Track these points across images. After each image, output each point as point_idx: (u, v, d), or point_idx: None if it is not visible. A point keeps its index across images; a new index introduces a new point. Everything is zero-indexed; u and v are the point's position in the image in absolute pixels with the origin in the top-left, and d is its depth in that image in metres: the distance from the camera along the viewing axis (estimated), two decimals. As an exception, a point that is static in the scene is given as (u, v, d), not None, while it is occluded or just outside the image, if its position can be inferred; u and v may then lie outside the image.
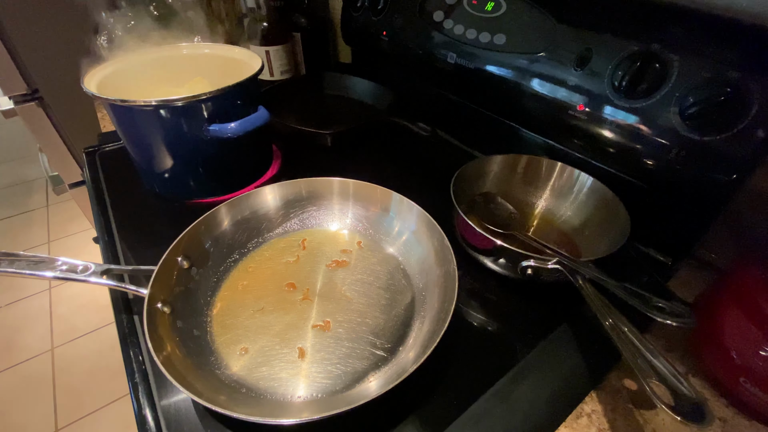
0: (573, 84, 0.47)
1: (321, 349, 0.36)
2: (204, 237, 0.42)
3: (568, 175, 0.49)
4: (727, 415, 0.34)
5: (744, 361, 0.32)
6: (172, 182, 0.53)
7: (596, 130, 0.47)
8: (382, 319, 0.39)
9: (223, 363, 0.35)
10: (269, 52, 0.81)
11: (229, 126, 0.46)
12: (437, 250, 0.40)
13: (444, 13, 0.61)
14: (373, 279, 0.43)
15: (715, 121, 0.37)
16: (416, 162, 0.64)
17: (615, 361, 0.37)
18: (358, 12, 0.75)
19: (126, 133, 0.50)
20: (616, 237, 0.40)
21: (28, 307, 1.44)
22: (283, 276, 0.43)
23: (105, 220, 0.51)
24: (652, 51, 0.41)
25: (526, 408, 0.33)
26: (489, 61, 0.56)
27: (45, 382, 1.23)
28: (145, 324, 0.31)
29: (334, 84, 0.81)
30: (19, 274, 0.36)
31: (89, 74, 0.49)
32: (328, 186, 0.48)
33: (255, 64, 0.53)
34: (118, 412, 1.16)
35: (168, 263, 0.37)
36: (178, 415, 0.32)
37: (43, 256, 0.38)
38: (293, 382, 0.34)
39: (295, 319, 0.39)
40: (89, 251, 1.64)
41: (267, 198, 0.47)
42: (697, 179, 0.40)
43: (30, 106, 0.94)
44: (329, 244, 0.47)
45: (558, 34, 0.49)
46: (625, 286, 0.34)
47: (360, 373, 0.34)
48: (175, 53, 0.58)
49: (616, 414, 0.33)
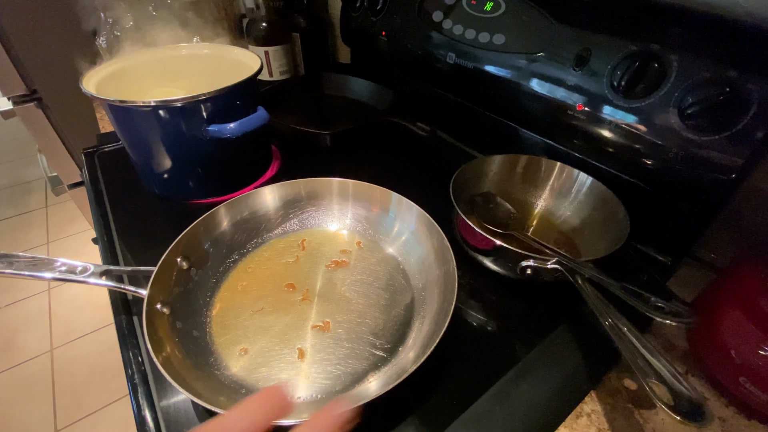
0: (572, 84, 0.47)
1: (321, 349, 0.36)
2: (203, 237, 0.42)
3: (567, 175, 0.49)
4: (726, 414, 0.34)
5: (743, 361, 0.32)
6: (171, 183, 0.53)
7: (595, 130, 0.47)
8: (382, 319, 0.39)
9: (223, 364, 0.35)
10: (268, 52, 0.81)
11: (229, 126, 0.46)
12: (437, 250, 0.40)
13: (443, 13, 0.61)
14: (372, 279, 0.43)
15: (714, 120, 0.38)
16: (416, 162, 0.64)
17: (614, 360, 0.37)
18: (357, 12, 0.75)
19: (125, 134, 0.50)
20: (616, 237, 0.40)
21: (27, 308, 1.44)
22: (283, 276, 0.43)
23: (104, 221, 0.50)
24: (650, 51, 0.41)
25: (526, 408, 0.33)
26: (488, 61, 0.56)
27: (44, 383, 1.22)
28: (144, 325, 0.31)
29: (333, 84, 0.81)
30: (18, 275, 0.36)
31: (88, 75, 0.49)
32: (327, 186, 0.48)
33: (254, 64, 0.53)
34: (117, 413, 1.16)
35: (167, 264, 0.37)
36: (177, 416, 0.32)
37: (42, 257, 0.38)
38: (293, 382, 0.34)
39: (295, 320, 0.38)
40: (88, 252, 1.63)
41: (266, 198, 0.47)
42: (696, 179, 0.40)
43: (29, 106, 0.93)
44: (329, 244, 0.47)
45: (557, 34, 0.49)
46: (624, 286, 0.34)
47: (360, 374, 0.34)
48: (175, 53, 0.58)
49: (615, 414, 0.33)
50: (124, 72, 0.53)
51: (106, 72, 0.51)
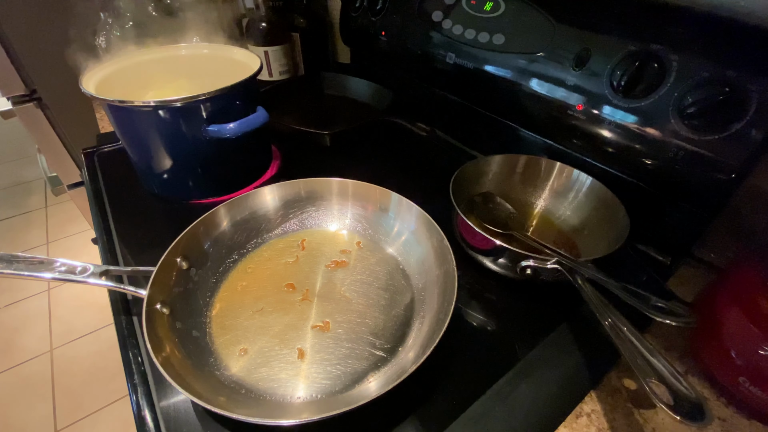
0: (572, 84, 0.47)
1: (320, 349, 0.36)
2: (203, 238, 0.42)
3: (567, 175, 0.49)
4: (726, 414, 0.34)
5: (743, 361, 0.32)
6: (170, 183, 0.53)
7: (595, 130, 0.47)
8: (382, 319, 0.39)
9: (223, 364, 0.35)
10: (268, 52, 0.81)
11: (228, 126, 0.46)
12: (436, 250, 0.40)
13: (443, 13, 0.61)
14: (372, 279, 0.43)
15: (714, 120, 0.38)
16: (415, 162, 0.64)
17: (614, 360, 0.37)
18: (356, 12, 0.75)
19: (124, 134, 0.50)
20: (616, 237, 0.40)
21: (27, 308, 1.44)
22: (283, 277, 0.43)
23: (104, 221, 0.50)
24: (650, 51, 0.41)
25: (526, 408, 0.33)
26: (488, 61, 0.56)
27: (44, 383, 1.22)
28: (144, 325, 0.31)
29: (333, 84, 0.81)
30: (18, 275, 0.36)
31: (87, 75, 0.49)
32: (327, 186, 0.48)
33: (254, 64, 0.53)
34: (117, 414, 1.16)
35: (167, 264, 0.37)
36: (177, 416, 0.32)
37: (41, 257, 0.38)
38: (293, 382, 0.34)
39: (295, 320, 0.38)
40: (88, 252, 1.63)
41: (266, 198, 0.47)
42: (696, 179, 0.40)
43: (28, 106, 0.93)
44: (328, 244, 0.47)
45: (557, 34, 0.49)
46: (624, 286, 0.34)
47: (360, 374, 0.34)
48: (174, 54, 0.58)
49: (615, 414, 0.33)
50: (124, 72, 0.53)
51: (106, 72, 0.51)
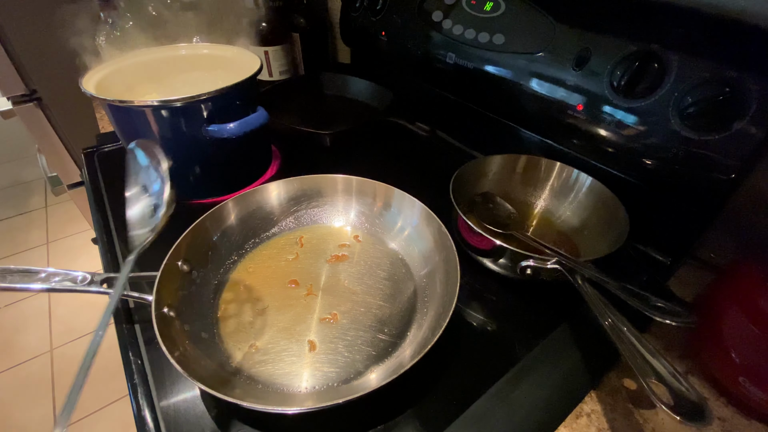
0: (572, 84, 0.47)
1: (330, 340, 0.37)
2: (204, 238, 0.42)
3: (567, 175, 0.49)
4: (726, 414, 0.34)
5: (743, 361, 0.32)
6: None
7: (595, 130, 0.47)
8: (388, 307, 0.40)
9: (235, 361, 0.35)
10: (268, 52, 0.81)
11: (228, 126, 0.46)
12: (436, 240, 0.41)
13: (443, 13, 0.61)
14: (376, 272, 0.43)
15: (714, 120, 0.38)
16: (415, 162, 0.64)
17: (614, 360, 0.37)
18: (356, 12, 0.75)
19: (124, 134, 0.50)
20: (616, 237, 0.40)
21: (27, 309, 1.44)
22: (286, 273, 0.43)
23: (104, 221, 0.50)
24: (650, 51, 0.41)
25: (526, 408, 0.33)
26: (488, 61, 0.56)
27: (44, 383, 1.22)
28: (156, 329, 0.30)
29: (333, 84, 0.81)
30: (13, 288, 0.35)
31: (88, 75, 0.49)
32: (331, 183, 0.48)
33: (254, 64, 0.53)
34: (117, 414, 1.16)
35: (169, 268, 0.37)
36: (177, 416, 0.32)
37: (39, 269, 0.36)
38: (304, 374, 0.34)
39: (302, 314, 0.39)
40: (88, 252, 1.63)
41: (266, 197, 0.47)
42: (696, 179, 0.40)
43: (28, 106, 0.93)
44: (332, 239, 0.47)
45: (557, 34, 0.49)
46: (624, 286, 0.34)
47: (369, 361, 0.35)
48: (174, 54, 0.58)
49: (615, 414, 0.33)
50: (124, 72, 0.53)
51: (106, 72, 0.51)
